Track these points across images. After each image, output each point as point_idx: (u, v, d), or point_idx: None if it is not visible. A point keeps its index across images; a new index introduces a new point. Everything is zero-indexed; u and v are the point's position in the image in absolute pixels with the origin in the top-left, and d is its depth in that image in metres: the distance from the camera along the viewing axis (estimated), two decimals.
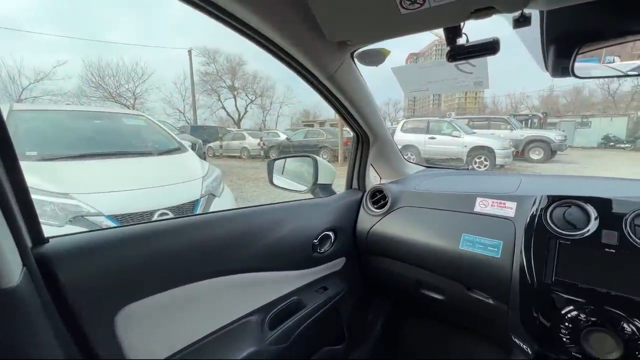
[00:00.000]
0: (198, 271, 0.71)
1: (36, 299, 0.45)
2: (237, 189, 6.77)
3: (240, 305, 0.83)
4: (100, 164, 2.58)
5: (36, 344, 0.45)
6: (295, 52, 0.77)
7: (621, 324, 0.63)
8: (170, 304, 0.67)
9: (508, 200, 0.91)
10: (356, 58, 0.87)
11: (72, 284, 0.52)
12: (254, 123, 36.12)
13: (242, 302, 0.84)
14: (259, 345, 0.82)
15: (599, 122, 21.87)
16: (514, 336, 0.87)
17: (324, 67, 0.84)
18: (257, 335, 0.83)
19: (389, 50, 0.79)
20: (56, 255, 0.51)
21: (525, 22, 0.58)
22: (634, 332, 0.62)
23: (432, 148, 9.74)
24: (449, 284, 0.99)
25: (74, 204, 2.01)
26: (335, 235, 1.09)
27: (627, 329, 0.62)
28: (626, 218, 0.70)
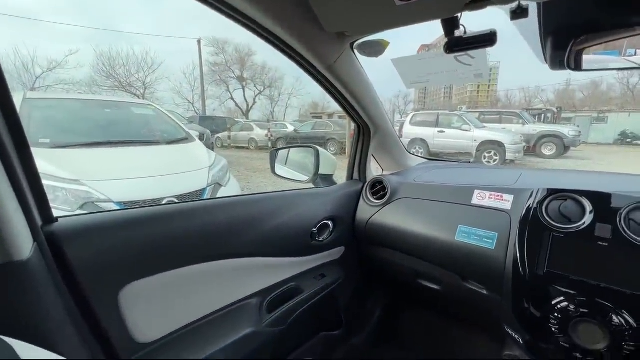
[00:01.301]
0: (200, 254, 0.74)
1: (46, 273, 0.49)
2: (244, 179, 6.84)
3: (239, 289, 0.86)
4: (110, 152, 2.65)
5: (45, 314, 0.48)
6: (294, 42, 0.78)
7: (610, 316, 0.64)
8: (172, 284, 0.70)
9: (505, 193, 0.92)
10: (356, 49, 0.87)
11: (79, 261, 0.55)
12: (262, 114, 36.15)
13: (241, 286, 0.87)
14: (257, 327, 0.85)
15: (616, 117, 21.19)
16: (506, 326, 0.88)
17: (323, 57, 0.85)
18: (255, 317, 0.86)
19: (388, 42, 0.79)
20: (65, 234, 0.55)
21: (523, 14, 0.58)
22: (622, 323, 0.63)
23: (441, 142, 9.63)
24: (445, 275, 1.01)
25: (85, 190, 2.08)
26: (334, 224, 1.11)
27: (615, 320, 0.63)
28: (621, 212, 0.70)
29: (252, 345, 0.84)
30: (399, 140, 1.34)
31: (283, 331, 0.93)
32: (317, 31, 0.76)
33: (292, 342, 1.07)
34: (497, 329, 0.94)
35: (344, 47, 0.85)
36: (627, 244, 0.66)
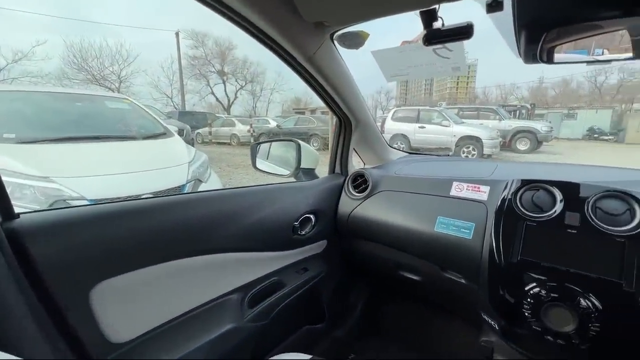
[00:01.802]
0: (178, 250, 0.72)
1: (6, 271, 0.46)
2: (226, 175, 6.73)
3: (220, 284, 0.85)
4: (83, 147, 2.53)
5: (8, 316, 0.45)
6: (273, 32, 0.77)
7: (577, 299, 0.67)
8: (149, 281, 0.68)
9: (482, 185, 0.94)
10: (336, 40, 0.86)
11: (44, 258, 0.52)
12: (243, 109, 35.58)
13: (222, 281, 0.85)
14: (238, 322, 0.84)
15: (584, 114, 22.34)
16: (483, 313, 0.91)
17: (302, 48, 0.84)
18: (236, 313, 0.85)
19: (368, 33, 0.79)
20: (27, 231, 0.52)
21: (498, 7, 0.59)
22: (588, 306, 0.66)
23: (422, 137, 9.82)
24: (425, 265, 1.03)
25: (55, 188, 1.98)
26: (316, 218, 1.11)
27: (583, 303, 0.67)
28: (588, 200, 0.73)
29: (233, 341, 0.83)
30: (380, 134, 1.35)
31: (265, 326, 0.93)
32: (296, 21, 0.74)
33: (274, 337, 1.07)
34: (474, 316, 0.97)
35: (324, 38, 0.84)
36: (594, 231, 0.70)
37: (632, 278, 0.63)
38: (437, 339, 1.40)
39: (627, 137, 17.83)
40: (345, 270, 1.37)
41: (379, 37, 0.95)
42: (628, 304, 0.63)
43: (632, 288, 0.63)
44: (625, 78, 36.13)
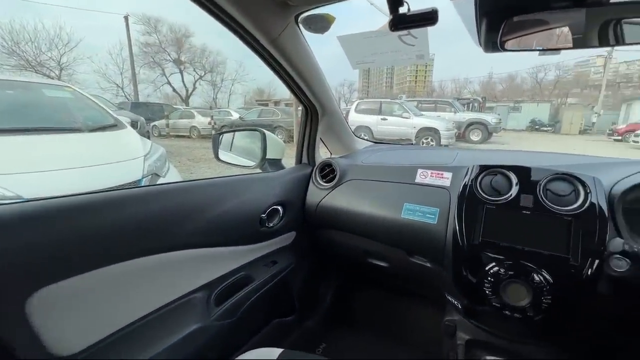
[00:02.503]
0: (133, 249, 0.66)
1: None
2: (187, 169, 6.41)
3: (182, 283, 0.80)
4: (16, 140, 2.24)
5: None
6: (234, 11, 0.71)
7: (532, 275, 0.72)
8: (101, 285, 0.62)
9: (445, 171, 0.97)
10: (301, 24, 0.83)
11: None
12: (203, 101, 33.99)
13: (184, 280, 0.80)
14: (204, 322, 0.80)
15: (527, 107, 24.41)
16: (447, 294, 0.95)
17: (266, 29, 0.80)
18: (202, 312, 0.81)
19: (334, 17, 0.77)
20: None
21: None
22: (541, 281, 0.71)
23: (384, 129, 10.10)
24: (393, 252, 1.05)
25: None
26: (284, 209, 1.08)
27: (536, 279, 0.72)
28: (540, 183, 0.78)
29: (200, 341, 0.78)
30: (346, 124, 1.35)
31: (234, 323, 0.89)
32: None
33: (244, 333, 1.03)
34: (439, 298, 1.01)
35: (289, 20, 0.80)
36: (545, 211, 0.75)
37: (578, 253, 0.69)
38: (405, 322, 1.46)
39: (563, 128, 19.84)
40: (315, 261, 1.37)
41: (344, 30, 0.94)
42: (574, 276, 0.69)
43: (578, 262, 0.69)
44: (561, 75, 40.05)
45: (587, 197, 0.73)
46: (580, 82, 41.97)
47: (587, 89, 38.31)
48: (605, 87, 25.49)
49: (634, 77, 40.94)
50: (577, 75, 45.30)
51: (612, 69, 35.81)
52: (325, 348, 1.38)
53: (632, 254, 0.62)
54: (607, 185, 0.77)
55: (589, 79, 42.44)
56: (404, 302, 1.46)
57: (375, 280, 1.46)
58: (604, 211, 0.71)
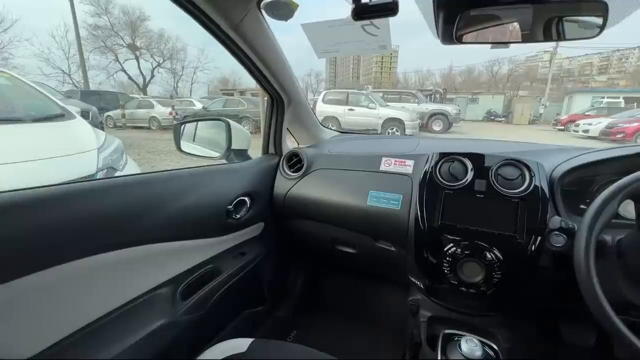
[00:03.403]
0: (88, 246, 0.62)
1: None
2: (147, 162, 6.07)
3: (145, 279, 0.77)
4: None
5: None
6: None
7: (484, 253, 0.79)
8: (52, 285, 0.58)
9: (407, 159, 1.01)
10: (264, 10, 0.81)
11: None
12: (163, 90, 32.10)
13: (148, 276, 0.77)
14: (171, 317, 0.78)
15: (484, 99, 25.89)
16: (410, 275, 1.01)
17: (227, 14, 0.77)
18: (167, 307, 0.79)
19: (297, 4, 0.76)
20: None
21: None
22: (493, 258, 0.78)
23: (351, 119, 10.22)
24: (360, 238, 1.08)
25: None
26: (251, 200, 1.07)
27: (488, 256, 0.78)
28: (492, 169, 0.84)
29: (167, 337, 0.77)
30: (312, 113, 1.35)
31: (202, 316, 0.88)
32: None
33: (213, 326, 1.02)
34: (403, 280, 1.07)
35: (250, 5, 0.78)
36: (496, 195, 0.81)
37: (523, 231, 0.76)
38: (372, 303, 1.52)
39: (515, 118, 21.35)
40: (284, 251, 1.37)
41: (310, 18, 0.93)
42: (520, 252, 0.76)
43: (523, 239, 0.76)
44: (513, 68, 42.85)
45: (532, 180, 0.80)
46: (529, 76, 45.25)
47: (535, 82, 41.43)
48: (551, 80, 27.72)
49: (575, 72, 44.85)
50: (528, 69, 48.68)
51: (557, 64, 38.84)
52: (297, 335, 1.40)
53: (568, 230, 0.69)
54: (549, 169, 0.85)
55: (537, 73, 45.83)
56: (370, 286, 1.52)
57: (343, 266, 1.49)
58: (545, 193, 0.78)
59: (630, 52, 62.05)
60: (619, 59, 62.99)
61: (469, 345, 0.76)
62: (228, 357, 0.67)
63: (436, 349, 0.82)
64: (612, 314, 0.54)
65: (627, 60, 61.17)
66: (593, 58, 65.15)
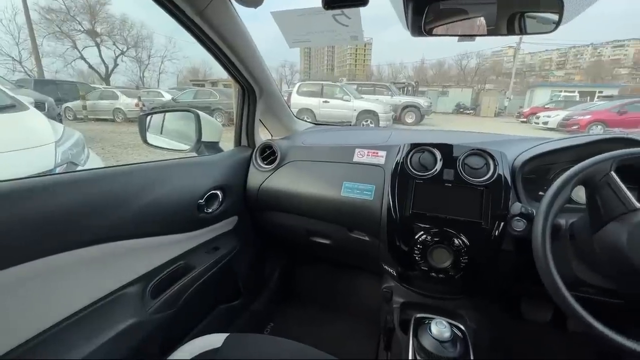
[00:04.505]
0: (48, 244, 0.58)
1: None
2: (112, 157, 5.75)
3: (111, 278, 0.73)
4: None
5: None
6: None
7: (452, 240, 0.82)
8: (13, 285, 0.54)
9: (380, 150, 1.03)
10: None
11: None
12: (128, 80, 30.35)
13: (114, 274, 0.74)
14: (140, 316, 0.75)
15: (454, 92, 26.79)
16: (383, 263, 1.03)
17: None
18: (136, 306, 0.76)
19: None
20: None
21: None
22: (460, 244, 0.81)
23: (327, 112, 10.21)
24: (334, 229, 1.09)
25: None
26: (224, 193, 1.04)
27: (456, 242, 0.82)
28: (459, 159, 0.88)
29: (137, 337, 0.74)
30: (285, 104, 1.33)
31: (174, 314, 0.85)
32: None
33: (186, 323, 1.00)
34: (376, 268, 1.09)
35: None
36: (463, 183, 0.85)
37: (488, 217, 0.80)
38: (347, 293, 1.55)
39: (482, 111, 22.28)
40: (259, 244, 1.36)
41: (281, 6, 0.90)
42: (485, 237, 0.80)
43: (488, 225, 0.80)
44: (480, 63, 44.59)
45: (496, 169, 0.84)
46: (495, 70, 47.32)
47: (501, 76, 43.43)
48: (515, 75, 29.14)
49: (536, 67, 47.50)
50: (494, 63, 50.82)
51: (520, 59, 40.88)
52: (274, 327, 1.40)
53: (527, 216, 0.74)
54: (511, 158, 0.89)
55: (502, 67, 47.99)
56: (345, 275, 1.55)
57: (318, 257, 1.51)
58: (507, 180, 0.83)
59: (585, 49, 66.50)
60: (575, 55, 67.33)
61: (438, 327, 0.79)
62: (203, 353, 0.65)
63: (408, 333, 0.85)
64: (566, 291, 0.58)
65: (582, 57, 65.55)
66: (552, 54, 69.19)
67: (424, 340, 0.80)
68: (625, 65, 50.66)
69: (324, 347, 0.67)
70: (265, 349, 0.68)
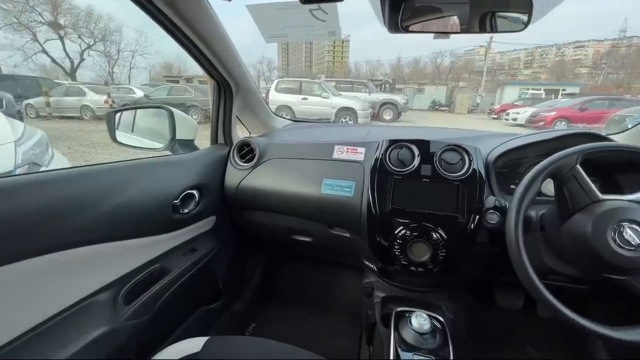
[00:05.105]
0: (8, 251, 0.54)
1: None
2: (81, 157, 5.45)
3: (80, 285, 0.69)
4: None
5: None
6: None
7: (431, 234, 0.84)
8: None
9: (359, 147, 1.03)
10: None
11: None
12: (96, 75, 28.84)
13: (83, 281, 0.70)
14: (112, 323, 0.71)
15: (429, 89, 27.47)
16: (364, 259, 1.04)
17: None
18: (108, 313, 0.72)
19: None
20: None
21: None
22: (438, 238, 0.83)
23: (305, 108, 10.17)
24: (315, 226, 1.09)
25: None
26: (200, 193, 1.01)
27: (434, 236, 0.84)
28: (436, 154, 0.90)
29: (110, 346, 0.70)
30: (263, 101, 1.30)
31: (151, 319, 0.82)
32: None
33: (164, 328, 0.96)
34: (358, 264, 1.10)
35: None
36: (440, 178, 0.87)
37: (464, 211, 0.83)
38: (329, 289, 1.56)
39: (456, 108, 23.04)
40: (239, 243, 1.34)
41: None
42: (461, 230, 0.83)
43: (464, 218, 0.82)
44: (454, 61, 46.01)
45: (471, 164, 0.87)
46: (468, 68, 48.99)
47: (473, 74, 44.99)
48: (486, 73, 30.27)
49: (506, 66, 49.61)
50: (466, 62, 52.56)
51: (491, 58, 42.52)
52: (255, 327, 1.39)
53: (501, 209, 0.76)
54: (484, 153, 0.92)
55: (474, 65, 49.74)
56: (327, 272, 1.55)
57: (300, 255, 1.50)
58: (482, 175, 0.85)
59: (549, 49, 70.13)
60: (541, 55, 70.89)
61: (418, 320, 0.81)
62: (182, 358, 0.63)
63: (389, 327, 0.86)
64: (536, 279, 0.61)
65: (547, 56, 69.11)
66: (520, 53, 72.46)
67: (405, 333, 0.81)
68: (585, 65, 53.95)
69: (306, 345, 0.67)
70: (246, 351, 0.67)
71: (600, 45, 58.64)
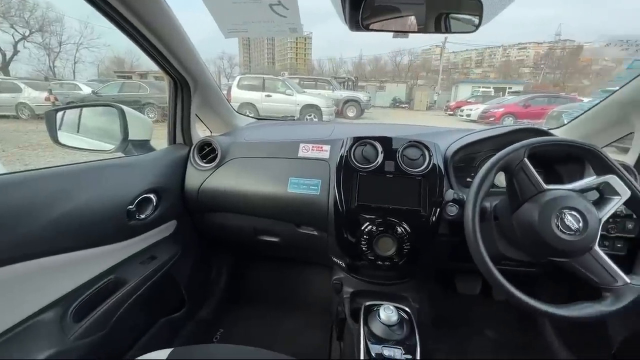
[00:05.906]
0: None
1: None
2: (18, 161, 4.91)
3: (21, 305, 0.62)
4: None
5: None
6: None
7: (395, 228, 0.86)
8: None
9: (324, 144, 1.03)
10: None
11: None
12: (34, 70, 26.07)
13: (24, 300, 0.62)
14: (60, 345, 0.65)
15: (390, 87, 28.39)
16: (332, 256, 1.05)
17: None
18: (54, 334, 0.65)
19: None
20: None
21: None
22: (402, 232, 0.86)
23: (269, 106, 10.02)
24: (282, 226, 1.07)
25: None
26: (158, 197, 0.95)
27: (399, 230, 0.86)
28: (399, 151, 0.92)
29: None
30: (224, 98, 1.25)
31: (106, 336, 0.76)
32: None
33: (122, 343, 0.90)
34: (326, 261, 1.11)
35: None
36: (403, 174, 0.89)
37: (425, 205, 0.86)
38: (299, 288, 1.55)
39: (415, 105, 24.03)
40: (203, 247, 1.28)
41: None
42: (424, 223, 0.86)
43: (426, 212, 0.86)
44: (413, 60, 47.91)
45: (431, 159, 0.90)
46: (425, 67, 51.28)
47: (430, 72, 47.19)
48: (442, 71, 31.90)
49: (459, 65, 52.62)
50: (424, 60, 54.96)
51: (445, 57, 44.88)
52: (223, 333, 1.34)
53: (459, 201, 0.81)
54: (443, 148, 0.97)
55: (431, 64, 52.16)
56: (295, 271, 1.54)
57: (267, 256, 1.48)
58: (441, 169, 0.89)
59: (497, 50, 75.55)
60: (489, 55, 76.11)
61: (386, 312, 0.83)
62: None
63: (359, 321, 0.88)
64: (491, 265, 0.65)
65: (495, 57, 74.37)
66: (472, 53, 77.26)
67: (374, 326, 0.83)
68: (527, 65, 58.83)
69: (277, 346, 0.66)
70: (213, 359, 0.65)
71: (539, 47, 64.30)
